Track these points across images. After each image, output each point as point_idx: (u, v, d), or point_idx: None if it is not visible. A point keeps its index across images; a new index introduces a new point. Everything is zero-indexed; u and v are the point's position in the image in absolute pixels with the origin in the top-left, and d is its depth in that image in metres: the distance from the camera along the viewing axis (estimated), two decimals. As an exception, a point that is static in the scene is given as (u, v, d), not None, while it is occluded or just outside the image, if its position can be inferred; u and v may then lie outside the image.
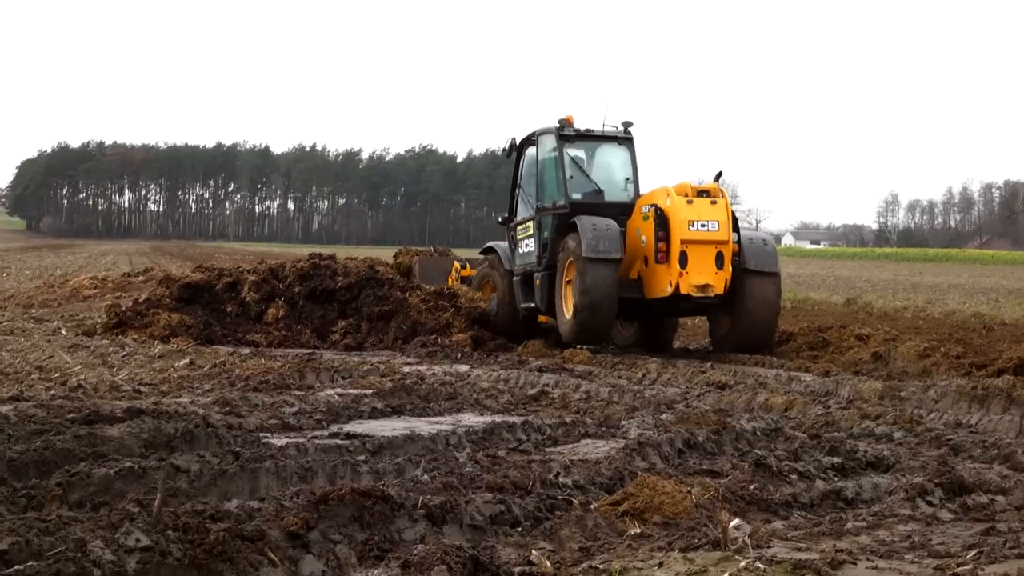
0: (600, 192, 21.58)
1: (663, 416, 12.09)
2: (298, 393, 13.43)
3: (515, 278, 22.24)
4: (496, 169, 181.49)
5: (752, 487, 8.37)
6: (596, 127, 21.88)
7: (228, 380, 14.43)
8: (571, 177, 21.33)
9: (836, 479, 9.06)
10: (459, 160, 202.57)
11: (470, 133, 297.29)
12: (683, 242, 19.69)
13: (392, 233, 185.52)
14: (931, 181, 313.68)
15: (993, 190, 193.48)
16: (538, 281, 21.38)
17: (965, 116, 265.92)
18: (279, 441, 9.84)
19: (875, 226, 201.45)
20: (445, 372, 16.26)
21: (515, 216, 22.60)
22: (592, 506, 7.64)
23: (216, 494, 7.90)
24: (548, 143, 21.73)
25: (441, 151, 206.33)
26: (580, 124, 21.68)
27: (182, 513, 6.58)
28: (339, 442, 9.93)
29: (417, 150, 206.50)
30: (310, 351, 19.36)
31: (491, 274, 23.13)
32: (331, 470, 8.53)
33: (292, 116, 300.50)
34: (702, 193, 20.17)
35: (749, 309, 20.14)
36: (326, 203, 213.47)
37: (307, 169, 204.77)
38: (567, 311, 20.47)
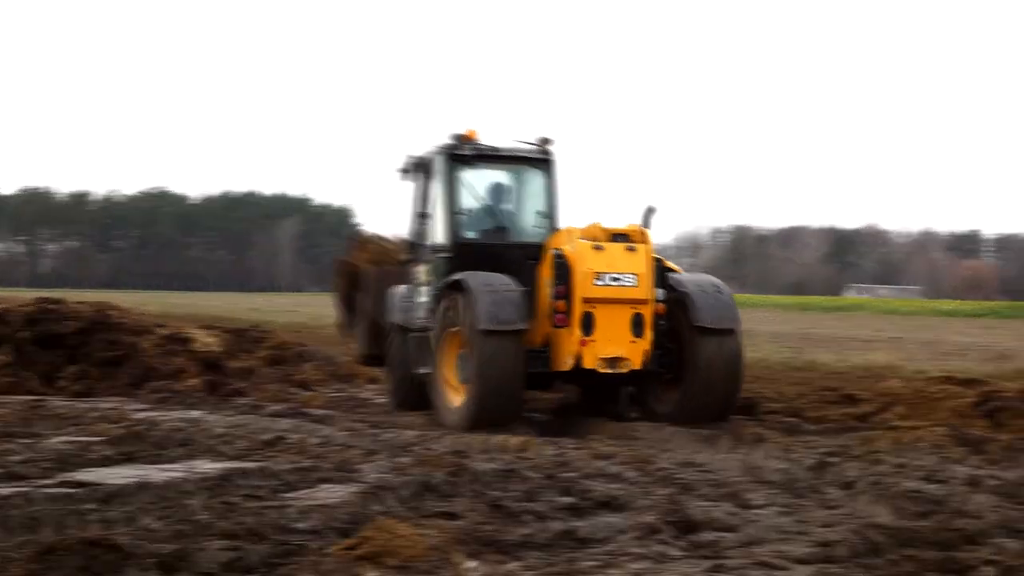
0: (503, 230, 17.20)
1: (400, 459, 12.11)
2: (24, 441, 13.03)
3: (411, 334, 17.44)
4: (233, 211, 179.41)
5: (488, 528, 8.45)
6: (508, 144, 17.41)
7: (-51, 429, 13.91)
8: (465, 210, 17.01)
9: (570, 519, 9.19)
10: (194, 202, 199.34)
11: (205, 174, 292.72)
12: (586, 300, 15.44)
13: (124, 276, 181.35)
14: (662, 225, 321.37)
15: (722, 234, 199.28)
16: (433, 344, 16.70)
17: (693, 162, 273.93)
18: (4, 490, 9.55)
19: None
20: (178, 418, 15.97)
21: (419, 253, 17.97)
22: (328, 551, 7.60)
23: (-64, 547, 7.61)
24: (439, 165, 17.25)
25: (175, 192, 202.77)
26: (489, 140, 17.29)
27: (-102, 568, 6.32)
28: (67, 491, 9.68)
29: (150, 191, 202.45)
30: (38, 398, 18.79)
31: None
32: (59, 519, 8.32)
33: (19, 156, 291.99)
34: (618, 237, 15.76)
35: (702, 378, 15.76)
36: (55, 246, 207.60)
37: (35, 211, 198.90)
38: (453, 395, 16.10)
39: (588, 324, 15.44)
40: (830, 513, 10.31)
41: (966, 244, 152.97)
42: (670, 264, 16.55)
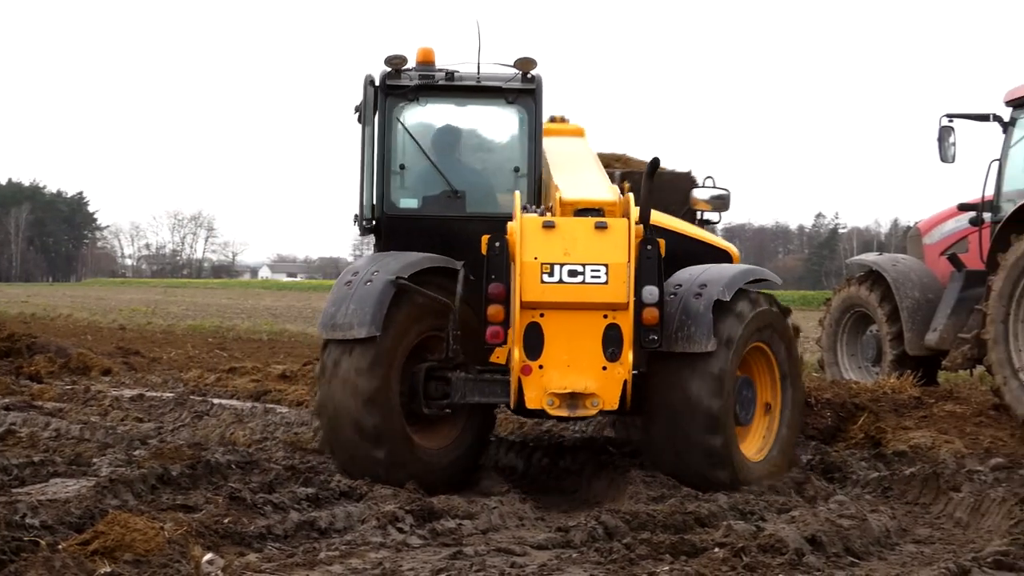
0: (456, 196, 11.82)
1: (137, 452, 11.88)
2: None
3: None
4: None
5: (226, 520, 8.35)
6: (470, 70, 11.88)
7: None
8: (401, 167, 11.93)
9: (310, 509, 9.17)
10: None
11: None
12: (530, 306, 10.09)
13: None
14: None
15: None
16: None
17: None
18: None
19: (351, 258, 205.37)
20: (-99, 412, 15.37)
21: None
22: (60, 547, 7.41)
23: None
24: (369, 101, 11.78)
25: None
26: (450, 63, 11.90)
27: None
28: None
29: None
30: None
31: None
32: None
33: None
34: (584, 211, 10.56)
35: (663, 422, 10.65)
36: None
37: None
38: None
39: (534, 342, 10.16)
40: (568, 499, 10.53)
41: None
42: (711, 239, 12.17)
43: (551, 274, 10.06)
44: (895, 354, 17.00)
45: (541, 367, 10.07)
